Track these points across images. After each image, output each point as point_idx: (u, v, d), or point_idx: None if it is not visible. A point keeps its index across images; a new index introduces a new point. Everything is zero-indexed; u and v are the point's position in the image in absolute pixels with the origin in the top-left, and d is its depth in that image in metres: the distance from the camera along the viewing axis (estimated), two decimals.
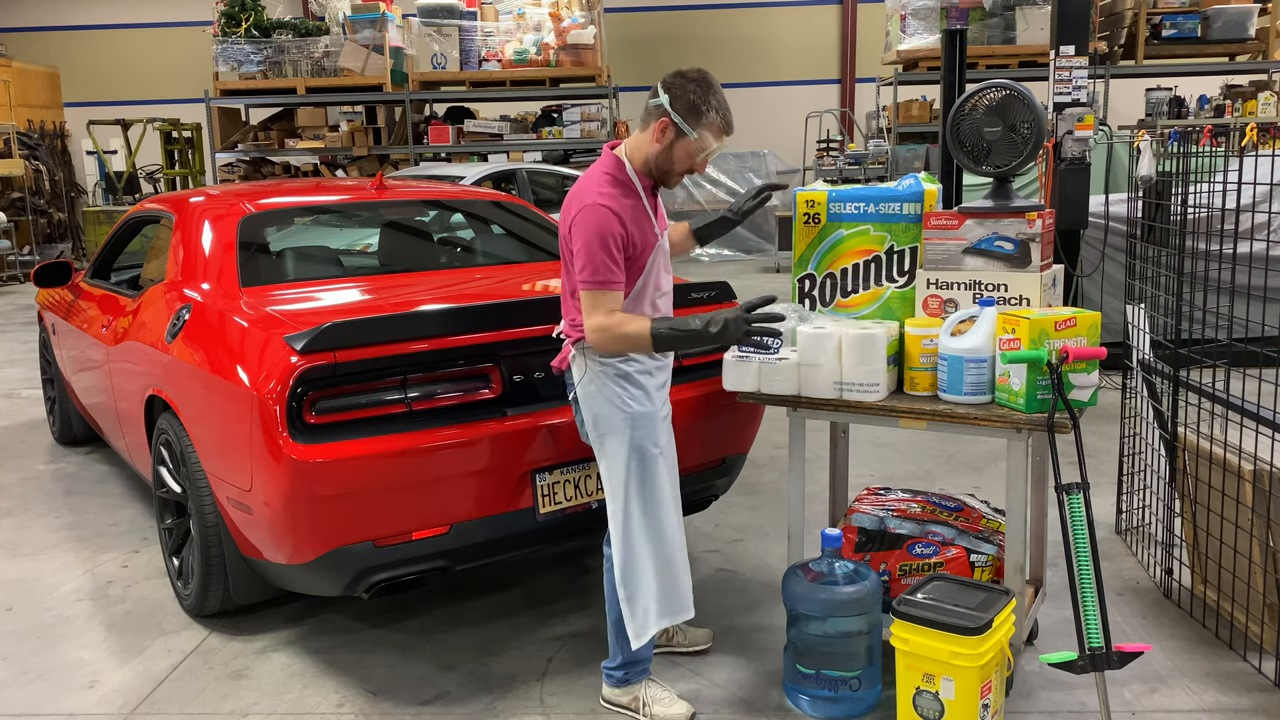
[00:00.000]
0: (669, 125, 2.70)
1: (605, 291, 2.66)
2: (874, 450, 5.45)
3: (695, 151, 2.72)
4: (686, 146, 2.72)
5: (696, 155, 2.73)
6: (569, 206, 2.73)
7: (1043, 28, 10.93)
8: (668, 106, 2.69)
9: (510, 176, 9.16)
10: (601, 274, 2.64)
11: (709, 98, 2.68)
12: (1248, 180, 4.95)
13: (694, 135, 2.69)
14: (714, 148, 2.74)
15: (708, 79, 2.71)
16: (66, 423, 5.72)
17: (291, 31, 12.34)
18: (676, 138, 2.71)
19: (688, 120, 2.68)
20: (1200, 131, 10.14)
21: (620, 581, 2.85)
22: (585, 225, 2.65)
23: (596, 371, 2.80)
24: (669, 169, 2.76)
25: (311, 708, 3.07)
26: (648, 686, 2.94)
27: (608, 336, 2.67)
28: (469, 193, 4.86)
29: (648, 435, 2.81)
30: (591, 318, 2.68)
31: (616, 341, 2.68)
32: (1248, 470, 3.11)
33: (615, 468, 2.83)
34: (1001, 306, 2.93)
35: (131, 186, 16.27)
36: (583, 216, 2.66)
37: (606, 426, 2.82)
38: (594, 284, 2.65)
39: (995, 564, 3.05)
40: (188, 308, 3.64)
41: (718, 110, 2.70)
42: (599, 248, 2.63)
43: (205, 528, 3.36)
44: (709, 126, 2.70)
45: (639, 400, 2.81)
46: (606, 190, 2.70)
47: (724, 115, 2.72)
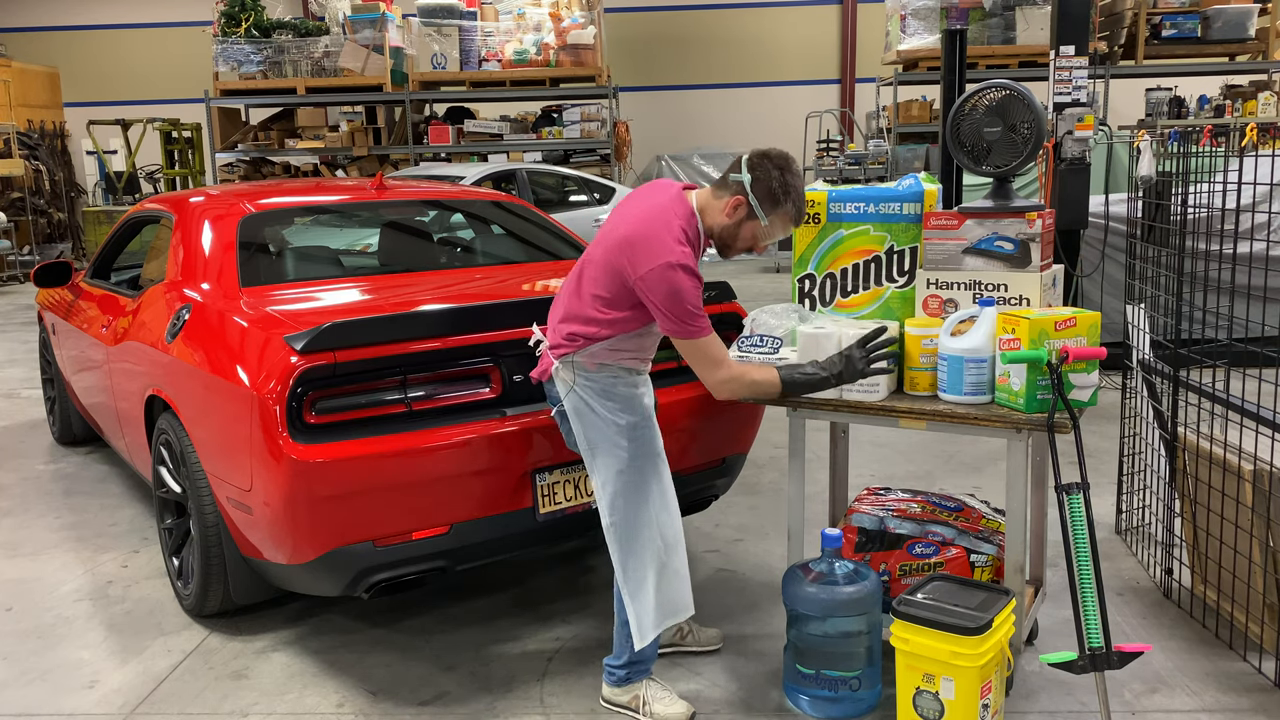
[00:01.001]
0: (743, 204, 2.73)
1: (702, 339, 2.70)
2: (874, 450, 5.45)
3: (762, 235, 2.78)
4: (754, 228, 2.76)
5: (762, 239, 2.79)
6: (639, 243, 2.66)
7: (1043, 28, 10.94)
8: (747, 187, 2.72)
9: (510, 176, 9.16)
10: (694, 326, 2.68)
11: (788, 188, 2.72)
12: (1248, 180, 4.95)
13: (765, 221, 2.74)
14: (783, 229, 2.80)
15: (790, 165, 2.75)
16: (66, 423, 5.72)
17: (291, 31, 12.34)
18: (747, 217, 2.75)
19: (763, 205, 2.73)
20: (1200, 131, 10.14)
21: (621, 584, 2.87)
22: (666, 284, 2.63)
23: (584, 386, 2.82)
24: (731, 244, 2.80)
25: (311, 708, 3.07)
26: (648, 686, 2.95)
27: (738, 386, 2.75)
28: (469, 193, 4.86)
29: (638, 444, 2.84)
30: (714, 371, 2.72)
31: (746, 389, 2.76)
32: (1248, 470, 3.11)
33: (608, 481, 2.85)
34: (1001, 306, 2.93)
35: (131, 186, 16.27)
36: (664, 276, 2.63)
37: (597, 439, 2.84)
38: (690, 334, 2.69)
39: (995, 564, 3.05)
40: (188, 308, 3.64)
41: (794, 202, 2.74)
42: (685, 304, 2.65)
43: (205, 528, 3.36)
44: (781, 215, 2.75)
45: (627, 410, 2.83)
46: (684, 249, 2.67)
47: (798, 207, 2.76)
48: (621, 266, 2.69)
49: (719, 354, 2.72)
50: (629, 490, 2.84)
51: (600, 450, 2.84)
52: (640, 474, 2.84)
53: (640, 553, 2.85)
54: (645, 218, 2.72)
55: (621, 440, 2.82)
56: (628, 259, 2.68)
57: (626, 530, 2.85)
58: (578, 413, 2.84)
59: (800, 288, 3.24)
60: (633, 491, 2.84)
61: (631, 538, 2.85)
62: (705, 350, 2.71)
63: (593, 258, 2.80)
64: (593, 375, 2.81)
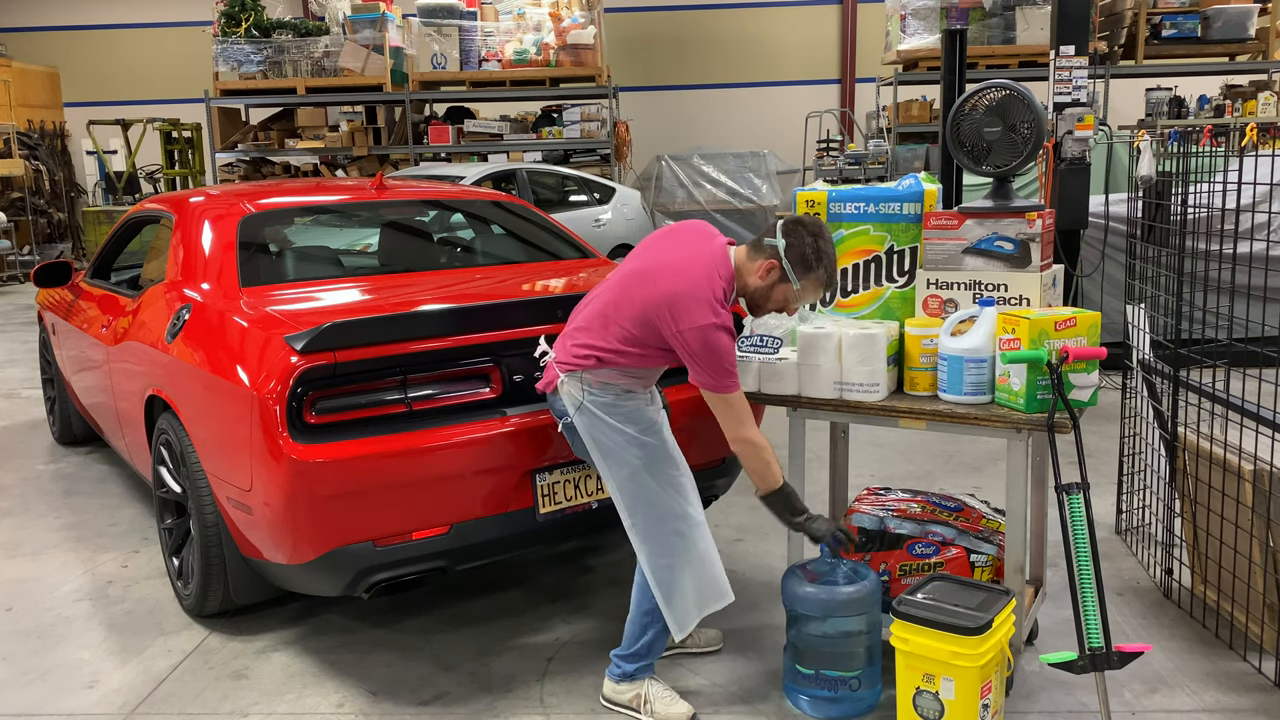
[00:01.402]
0: (776, 268, 2.78)
1: (733, 394, 2.76)
2: (874, 450, 5.45)
3: (793, 299, 2.83)
4: (786, 291, 2.81)
5: (793, 301, 2.84)
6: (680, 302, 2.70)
7: (1043, 28, 10.92)
8: (781, 252, 2.76)
9: (510, 176, 9.16)
10: (727, 384, 2.74)
11: (821, 254, 2.77)
12: (1248, 180, 4.95)
13: (797, 285, 2.79)
14: (813, 295, 2.84)
15: (823, 232, 2.80)
16: (66, 423, 5.72)
17: (291, 31, 12.33)
18: (780, 280, 2.80)
19: (795, 269, 2.77)
20: (1200, 131, 10.14)
21: (654, 586, 2.89)
22: (706, 344, 2.70)
23: (592, 400, 2.85)
24: (762, 304, 2.87)
25: (311, 708, 3.07)
26: (650, 685, 2.95)
27: (753, 454, 2.80)
28: (469, 193, 4.86)
29: (648, 451, 2.87)
30: (739, 428, 2.78)
31: (753, 459, 2.81)
32: (1248, 470, 3.11)
33: (623, 489, 2.89)
34: (1001, 306, 2.93)
35: (131, 186, 16.26)
36: (704, 337, 2.69)
37: (609, 449, 2.87)
38: (723, 389, 2.74)
39: (995, 564, 3.05)
40: (188, 308, 3.64)
41: (826, 268, 2.79)
42: (723, 363, 2.72)
43: (205, 528, 3.36)
44: (813, 280, 2.80)
45: (634, 420, 2.87)
46: (725, 312, 2.74)
47: (830, 273, 2.81)
48: (660, 320, 2.74)
49: (746, 412, 2.79)
50: (646, 495, 2.87)
51: (612, 460, 2.88)
52: (654, 478, 2.87)
53: (666, 553, 2.88)
54: (688, 273, 2.75)
55: (633, 449, 2.86)
56: (669, 313, 2.72)
57: (649, 533, 2.88)
58: (589, 427, 2.88)
59: None
60: (651, 496, 2.87)
61: (654, 540, 2.88)
62: (735, 405, 2.78)
63: (630, 295, 2.81)
64: (597, 391, 2.85)
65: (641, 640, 2.93)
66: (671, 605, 2.88)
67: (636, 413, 2.89)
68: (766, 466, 2.82)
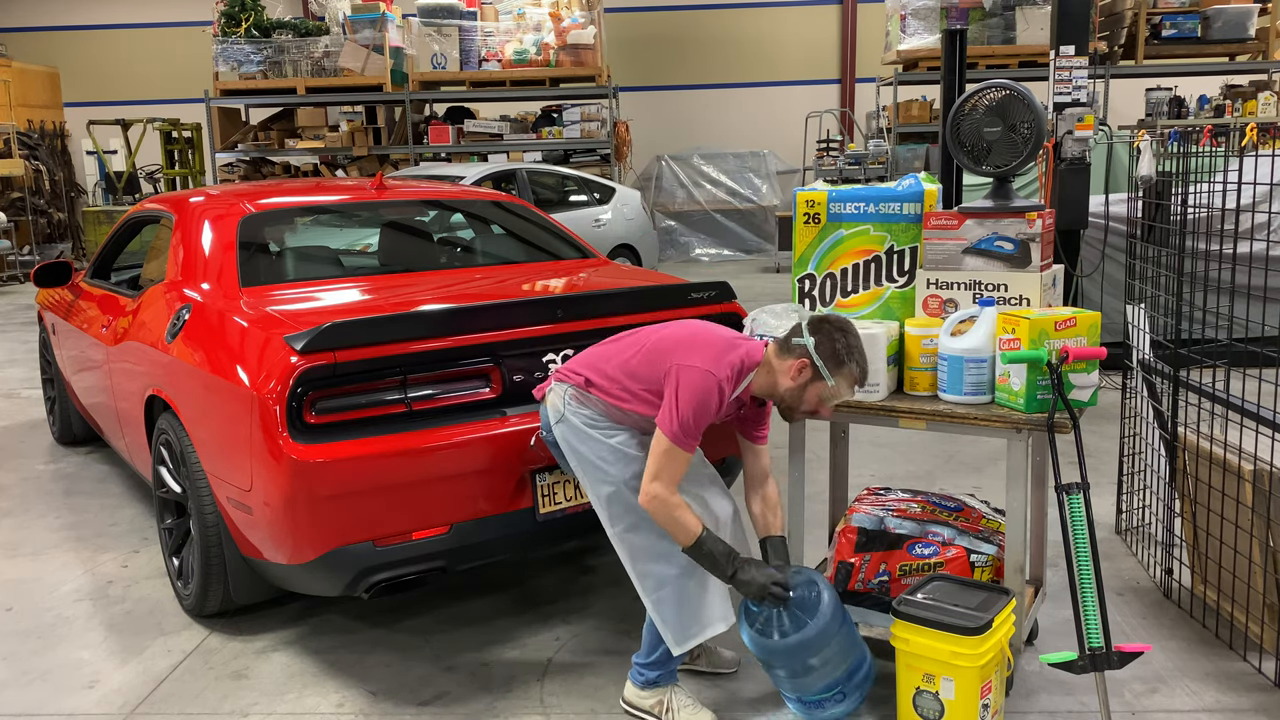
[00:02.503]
0: (808, 366, 2.70)
1: (681, 451, 2.69)
2: (874, 450, 5.45)
3: (827, 397, 2.73)
4: (819, 390, 2.72)
5: (827, 400, 2.75)
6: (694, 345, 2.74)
7: (1043, 28, 10.93)
8: (811, 350, 2.70)
9: (510, 176, 9.16)
10: (684, 439, 2.68)
11: (851, 350, 2.70)
12: (1248, 180, 4.95)
13: (831, 382, 2.70)
14: (845, 393, 2.75)
15: (850, 328, 2.73)
16: (66, 423, 5.72)
17: (291, 31, 12.33)
18: (812, 379, 2.71)
19: (828, 365, 2.69)
20: (1200, 131, 10.14)
21: (644, 600, 2.85)
22: (697, 391, 2.67)
23: (574, 412, 2.86)
24: (796, 406, 2.77)
25: (311, 708, 3.07)
26: (674, 693, 2.91)
27: (659, 505, 2.70)
28: (469, 193, 4.86)
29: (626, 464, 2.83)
30: (656, 481, 2.70)
31: (662, 516, 2.71)
32: (1248, 470, 3.11)
33: (599, 500, 2.88)
34: (1001, 306, 2.93)
35: (131, 186, 16.26)
36: (704, 383, 2.68)
37: (587, 462, 2.87)
38: (677, 439, 2.68)
39: (995, 564, 3.05)
40: (188, 308, 3.64)
41: (858, 363, 2.71)
42: (696, 413, 2.67)
43: (205, 528, 3.36)
44: (846, 376, 2.71)
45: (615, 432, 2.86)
46: (729, 376, 2.72)
47: (862, 368, 2.73)
48: (668, 350, 2.75)
49: (672, 474, 2.70)
50: (626, 508, 2.83)
51: (593, 474, 2.87)
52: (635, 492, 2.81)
53: (651, 570, 2.83)
54: (719, 336, 2.79)
55: (610, 458, 2.84)
56: (682, 347, 2.74)
57: (632, 545, 2.85)
58: (566, 439, 2.88)
59: (800, 288, 3.24)
60: (631, 509, 2.83)
61: (637, 553, 2.85)
62: (671, 459, 2.69)
63: (648, 341, 2.84)
64: (578, 406, 2.87)
65: (661, 648, 2.88)
66: (664, 622, 2.83)
67: (617, 428, 2.87)
68: (675, 523, 2.70)
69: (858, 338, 2.73)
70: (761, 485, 2.98)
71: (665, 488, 2.69)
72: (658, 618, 2.83)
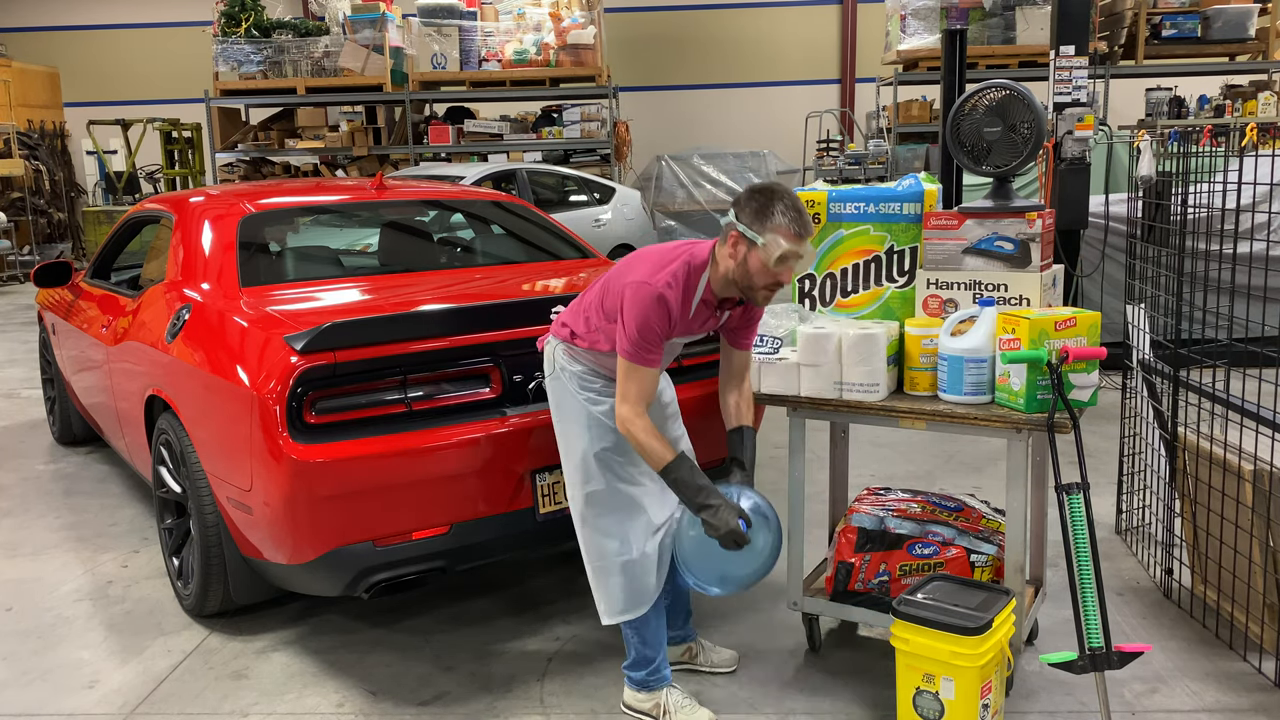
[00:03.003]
0: (739, 238, 2.61)
1: (641, 366, 2.68)
2: (874, 450, 5.45)
3: (769, 259, 2.58)
4: (758, 256, 2.59)
5: (771, 263, 2.58)
6: (636, 263, 2.73)
7: (1043, 28, 10.92)
8: (734, 219, 2.62)
9: (510, 176, 9.16)
10: (639, 354, 2.67)
11: (773, 202, 2.58)
12: (1248, 180, 4.95)
13: (761, 240, 2.57)
14: (787, 250, 2.58)
15: (774, 186, 2.64)
16: (66, 423, 5.72)
17: (291, 31, 12.33)
18: (748, 249, 2.60)
19: (753, 227, 2.58)
20: (1200, 131, 10.14)
21: (586, 562, 2.90)
22: (638, 304, 2.64)
23: (563, 367, 2.87)
24: (749, 284, 2.65)
25: (311, 708, 3.06)
26: (669, 693, 2.92)
27: (628, 428, 2.70)
28: (469, 193, 4.86)
29: (602, 434, 2.83)
30: (624, 403, 2.69)
31: (631, 438, 2.71)
32: (1248, 470, 3.11)
33: (573, 465, 2.88)
34: (1001, 306, 2.93)
35: (131, 186, 16.26)
36: (639, 294, 2.64)
37: (568, 422, 2.88)
38: (631, 357, 2.67)
39: (995, 564, 3.05)
40: (188, 308, 3.64)
41: (784, 212, 2.57)
42: (642, 326, 2.64)
43: (205, 528, 3.36)
44: (776, 229, 2.57)
45: (601, 403, 2.84)
46: (669, 282, 2.65)
47: (792, 217, 2.58)
48: (617, 276, 2.75)
49: (639, 394, 2.68)
50: (587, 476, 2.84)
51: (567, 431, 2.89)
52: (610, 469, 2.83)
53: (596, 540, 2.87)
54: (660, 250, 2.77)
55: (587, 424, 2.83)
56: (628, 268, 2.74)
57: (584, 513, 2.87)
58: (554, 390, 2.91)
59: (800, 288, 3.24)
60: (593, 479, 2.83)
61: (587, 520, 2.87)
62: (630, 378, 2.67)
63: (607, 275, 2.85)
64: (571, 370, 2.87)
65: (634, 652, 2.92)
66: (598, 592, 2.89)
67: (606, 395, 2.84)
68: (642, 447, 2.69)
69: (784, 192, 2.61)
70: (739, 382, 2.97)
71: (632, 409, 2.68)
72: (594, 586, 2.89)
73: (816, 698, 3.03)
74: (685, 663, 3.21)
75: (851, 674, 3.15)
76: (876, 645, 3.30)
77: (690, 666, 3.20)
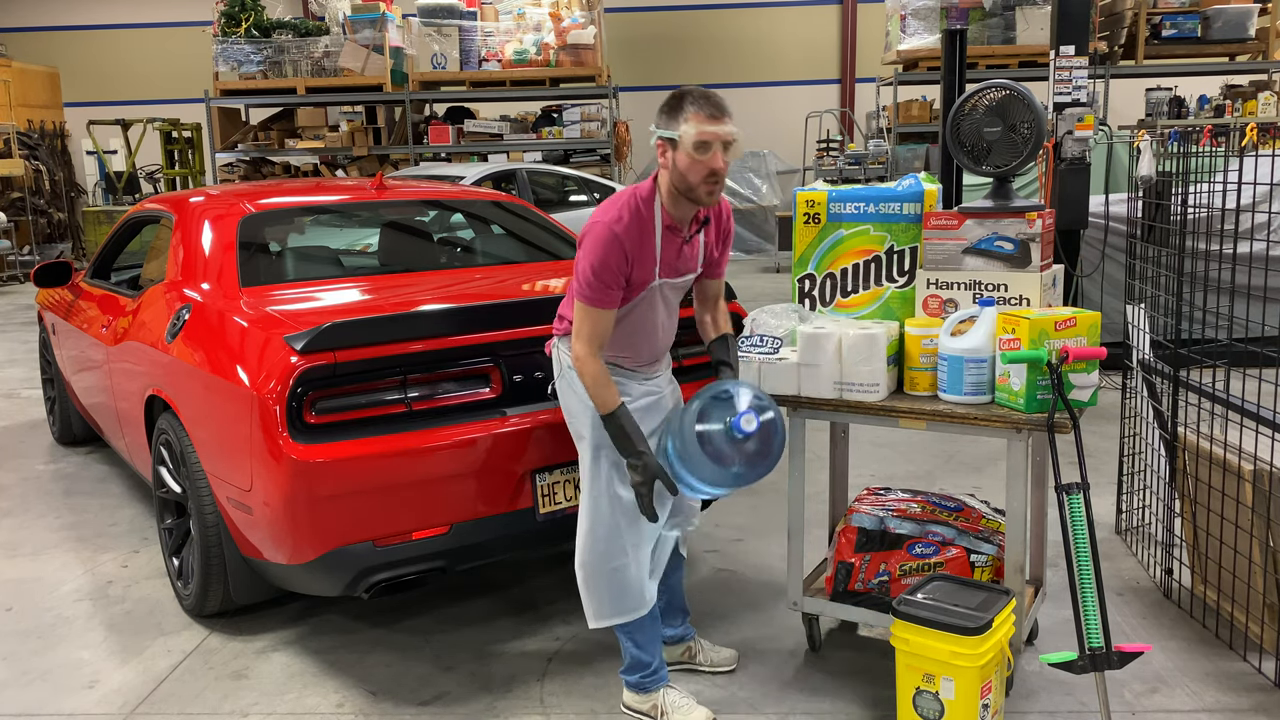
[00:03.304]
0: (663, 145, 2.64)
1: (594, 307, 2.69)
2: (874, 450, 5.45)
3: (690, 148, 2.57)
4: (681, 150, 2.60)
5: (693, 151, 2.58)
6: (596, 212, 2.75)
7: (1043, 28, 10.93)
8: (653, 128, 2.66)
9: (510, 176, 9.16)
10: (593, 295, 2.67)
11: (681, 98, 2.61)
12: (1248, 180, 4.95)
13: (678, 132, 2.59)
14: (703, 131, 2.57)
15: (681, 88, 2.66)
16: (66, 423, 5.72)
17: (291, 31, 12.34)
18: (673, 150, 2.62)
19: (668, 126, 2.61)
20: (1200, 131, 10.14)
21: (578, 564, 2.88)
22: (592, 245, 2.66)
23: (568, 367, 2.85)
24: (687, 185, 2.64)
25: (311, 708, 3.07)
26: (666, 694, 2.92)
27: (580, 367, 2.72)
28: (469, 193, 4.86)
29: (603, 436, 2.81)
30: (579, 341, 2.71)
31: (581, 376, 2.73)
32: (1248, 470, 3.11)
33: (584, 462, 2.88)
34: (1001, 306, 2.93)
35: (131, 186, 16.26)
36: (594, 235, 2.67)
37: (576, 421, 2.88)
38: (585, 298, 2.69)
39: (995, 564, 3.05)
40: (188, 308, 3.64)
41: (692, 102, 2.58)
42: (595, 265, 2.65)
43: (205, 528, 3.36)
44: (685, 116, 2.58)
45: None
46: (625, 219, 2.66)
47: (702, 103, 2.58)
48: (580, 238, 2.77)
49: (592, 334, 2.69)
50: (602, 478, 2.83)
51: (577, 429, 2.89)
52: (608, 467, 2.81)
53: (602, 541, 2.84)
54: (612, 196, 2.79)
55: (589, 426, 2.82)
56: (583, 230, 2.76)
57: (595, 515, 2.85)
58: (563, 393, 2.90)
59: (800, 288, 3.24)
60: (606, 480, 2.82)
61: (599, 524, 2.84)
62: (585, 318, 2.68)
63: None
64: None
65: (629, 656, 2.92)
66: (588, 593, 2.88)
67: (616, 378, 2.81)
68: (592, 388, 2.70)
69: (691, 89, 2.63)
70: (714, 304, 3.02)
71: (585, 348, 2.69)
72: (582, 587, 2.88)
73: (816, 698, 3.03)
74: (684, 662, 3.21)
75: (851, 674, 3.15)
76: (876, 645, 3.30)
77: (689, 666, 3.20)
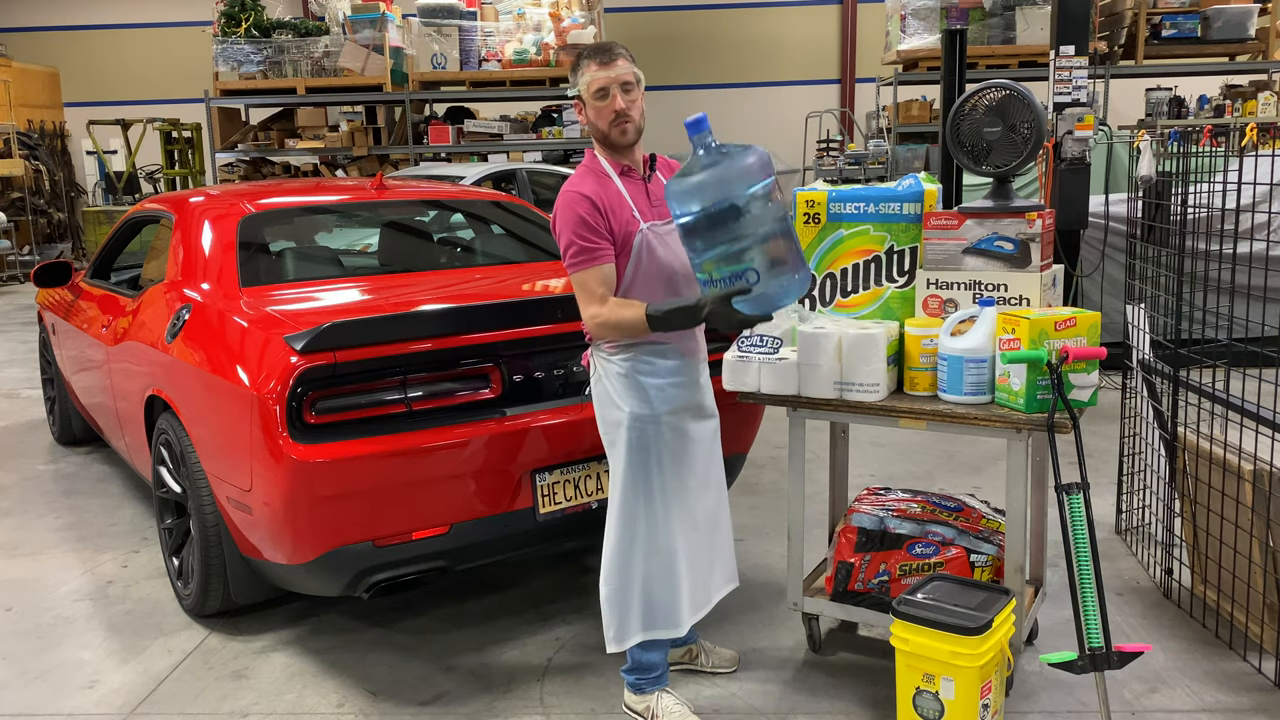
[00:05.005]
0: (577, 103, 2.82)
1: (588, 269, 2.70)
2: (874, 450, 5.45)
3: (591, 95, 2.75)
4: (587, 100, 2.77)
5: (598, 101, 2.75)
6: None
7: (1043, 28, 10.92)
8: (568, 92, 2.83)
9: (510, 176, 9.15)
10: (581, 258, 2.70)
11: (580, 54, 2.78)
12: (1248, 180, 4.95)
13: (581, 82, 2.77)
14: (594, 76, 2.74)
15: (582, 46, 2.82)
16: (66, 423, 5.72)
17: (291, 31, 12.33)
18: (586, 100, 2.78)
19: (574, 85, 2.80)
20: (1200, 131, 10.14)
21: (603, 579, 2.84)
22: (560, 211, 2.74)
23: (602, 368, 2.83)
24: (601, 133, 2.80)
25: (311, 708, 3.07)
26: (660, 697, 2.91)
27: (602, 324, 2.70)
28: (469, 193, 4.86)
29: (645, 437, 2.78)
30: (587, 307, 2.72)
31: (612, 329, 2.70)
32: (1248, 470, 3.11)
33: (616, 468, 2.83)
34: (1001, 306, 2.93)
35: (131, 186, 16.26)
36: (558, 204, 2.76)
37: (609, 426, 2.84)
38: (576, 264, 2.71)
39: (995, 564, 3.05)
40: (188, 308, 3.64)
41: (586, 56, 2.77)
42: (571, 230, 2.70)
43: (205, 528, 3.36)
44: (585, 69, 2.76)
45: (639, 402, 2.78)
46: (579, 176, 2.79)
47: (593, 54, 2.76)
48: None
49: (596, 291, 2.70)
50: (627, 485, 2.80)
51: (612, 439, 2.84)
52: (643, 471, 2.78)
53: (636, 553, 2.81)
54: None
55: (621, 431, 2.78)
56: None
57: (629, 525, 2.81)
58: (598, 399, 2.85)
59: None
60: (630, 488, 2.80)
61: (632, 533, 2.81)
62: (583, 284, 2.71)
63: None
64: (613, 359, 2.80)
65: (631, 653, 2.91)
66: (611, 612, 2.83)
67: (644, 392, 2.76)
68: (621, 324, 2.66)
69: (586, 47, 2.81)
70: None
71: (596, 306, 2.69)
72: (606, 611, 2.84)
73: (816, 698, 3.03)
74: (686, 664, 3.20)
75: (851, 674, 3.15)
76: (876, 645, 3.30)
77: (691, 668, 3.20)
